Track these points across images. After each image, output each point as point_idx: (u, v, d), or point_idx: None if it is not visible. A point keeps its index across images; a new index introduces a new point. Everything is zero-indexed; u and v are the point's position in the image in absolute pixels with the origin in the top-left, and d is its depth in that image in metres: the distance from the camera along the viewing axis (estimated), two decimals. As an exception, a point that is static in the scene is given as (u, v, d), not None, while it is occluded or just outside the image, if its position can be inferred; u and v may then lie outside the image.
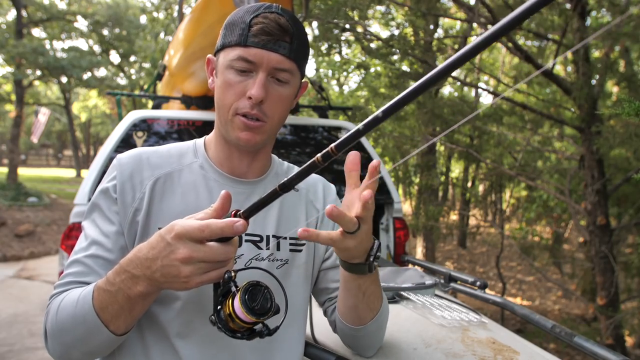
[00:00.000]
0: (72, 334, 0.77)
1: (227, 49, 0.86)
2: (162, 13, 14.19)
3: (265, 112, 0.86)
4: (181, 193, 0.90)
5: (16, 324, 4.44)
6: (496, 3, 4.31)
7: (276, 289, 0.72)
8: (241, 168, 0.94)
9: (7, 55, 12.12)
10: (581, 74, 3.69)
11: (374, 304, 0.92)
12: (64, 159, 40.54)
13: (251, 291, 0.66)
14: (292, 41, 0.85)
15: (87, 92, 25.11)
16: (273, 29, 0.83)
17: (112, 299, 0.72)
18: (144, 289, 0.70)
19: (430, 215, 5.24)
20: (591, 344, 1.12)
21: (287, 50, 0.84)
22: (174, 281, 0.67)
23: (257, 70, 0.84)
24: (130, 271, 0.70)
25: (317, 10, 4.30)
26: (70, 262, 0.85)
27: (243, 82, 0.85)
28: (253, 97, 0.83)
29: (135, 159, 0.91)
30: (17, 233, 8.52)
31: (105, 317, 0.74)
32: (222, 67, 0.87)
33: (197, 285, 0.67)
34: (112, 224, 0.87)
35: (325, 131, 2.81)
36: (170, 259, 0.66)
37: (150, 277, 0.68)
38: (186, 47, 2.50)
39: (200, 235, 0.65)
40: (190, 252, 0.65)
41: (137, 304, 0.73)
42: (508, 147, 5.48)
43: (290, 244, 0.96)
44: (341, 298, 0.94)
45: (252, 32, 0.83)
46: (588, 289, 5.86)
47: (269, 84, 0.85)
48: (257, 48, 0.83)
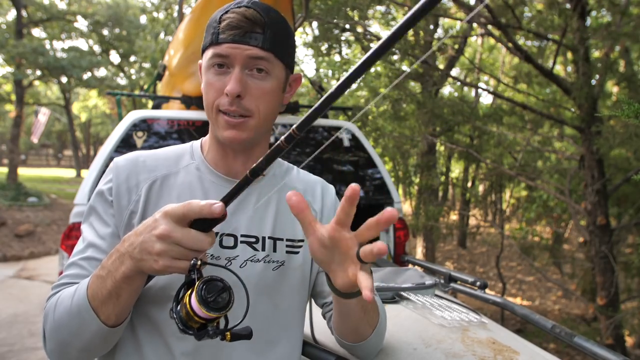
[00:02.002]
0: (68, 328, 0.77)
1: (206, 51, 0.87)
2: (162, 13, 14.18)
3: (246, 107, 0.85)
4: (177, 195, 0.90)
5: (16, 324, 4.44)
6: (496, 3, 4.31)
7: (245, 292, 0.70)
8: (236, 168, 0.94)
9: (7, 55, 12.13)
10: (581, 74, 3.69)
11: (373, 319, 0.91)
12: (64, 159, 40.55)
13: (209, 284, 0.65)
14: (264, 31, 0.84)
15: (87, 92, 25.12)
16: (239, 21, 0.83)
17: (102, 284, 0.73)
18: (126, 269, 0.71)
19: (430, 215, 5.24)
20: (591, 344, 1.12)
21: (260, 41, 0.83)
22: (147, 259, 0.68)
23: (232, 65, 0.84)
24: (119, 249, 0.72)
25: (317, 10, 4.31)
26: (68, 264, 0.88)
27: (221, 79, 0.85)
28: (228, 92, 0.83)
29: (132, 162, 0.92)
30: (17, 233, 8.53)
31: (95, 304, 0.74)
32: (203, 69, 0.89)
33: (164, 267, 0.67)
34: (107, 226, 0.88)
35: (325, 131, 2.80)
36: (151, 234, 0.67)
37: (131, 254, 0.70)
38: (186, 47, 2.50)
39: (182, 210, 0.67)
40: (169, 230, 0.66)
41: (123, 290, 0.73)
42: (508, 147, 5.48)
43: (287, 245, 0.95)
44: (339, 322, 0.91)
45: (220, 29, 0.84)
46: (588, 289, 5.86)
47: (247, 77, 0.85)
48: (227, 43, 0.83)
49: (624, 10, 3.92)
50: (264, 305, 0.91)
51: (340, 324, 0.92)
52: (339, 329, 0.94)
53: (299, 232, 0.97)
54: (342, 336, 0.95)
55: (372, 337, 0.93)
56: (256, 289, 0.90)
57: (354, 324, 0.89)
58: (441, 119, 4.66)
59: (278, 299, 0.93)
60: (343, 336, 0.95)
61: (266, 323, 0.91)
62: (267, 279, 0.92)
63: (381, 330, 0.97)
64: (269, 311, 0.92)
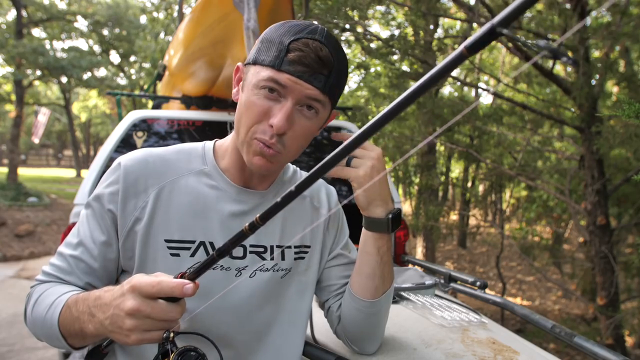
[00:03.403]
0: (41, 331, 0.83)
1: (259, 67, 0.79)
2: (162, 13, 14.16)
3: (284, 143, 0.80)
4: (187, 202, 0.87)
5: (16, 324, 4.44)
6: (496, 3, 4.31)
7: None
8: (252, 181, 0.92)
9: (7, 55, 12.14)
10: (581, 74, 3.69)
11: (388, 274, 0.95)
12: (64, 159, 40.53)
13: (184, 355, 0.66)
14: (329, 74, 0.78)
15: (87, 92, 25.10)
16: (312, 61, 0.76)
17: (72, 321, 0.76)
18: (94, 330, 0.72)
19: (430, 215, 5.24)
20: (591, 344, 1.12)
21: (323, 84, 0.78)
22: (118, 332, 0.68)
23: (287, 97, 0.78)
24: (91, 308, 0.72)
25: (317, 10, 4.30)
26: (58, 253, 0.88)
27: (268, 105, 0.79)
28: (275, 126, 0.77)
29: (141, 164, 0.87)
30: (17, 233, 8.53)
31: (64, 331, 0.78)
32: (250, 84, 0.81)
33: (137, 341, 0.67)
34: (102, 233, 0.86)
35: (325, 131, 2.80)
36: (120, 308, 0.66)
37: (101, 322, 0.70)
38: (186, 47, 2.49)
39: (151, 290, 0.65)
40: (138, 305, 0.65)
41: (88, 339, 0.77)
42: (508, 147, 5.48)
43: (295, 252, 0.96)
44: (358, 268, 0.96)
45: (288, 59, 0.76)
46: (588, 289, 5.86)
47: (295, 113, 0.79)
48: (290, 75, 0.76)
49: (624, 10, 3.91)
50: (269, 310, 0.92)
51: (359, 273, 0.96)
52: (356, 283, 0.96)
53: (306, 238, 0.98)
54: (357, 291, 0.96)
55: (384, 297, 0.96)
56: (263, 297, 0.91)
57: (368, 270, 0.94)
58: (441, 119, 4.65)
59: (283, 303, 0.94)
60: (359, 290, 0.96)
61: (271, 327, 0.93)
62: (275, 286, 0.93)
63: (390, 298, 0.99)
64: (274, 316, 0.93)
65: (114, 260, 0.87)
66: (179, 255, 0.85)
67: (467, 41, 0.41)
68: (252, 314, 0.90)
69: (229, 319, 0.88)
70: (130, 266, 0.87)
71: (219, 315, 0.86)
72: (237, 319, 0.88)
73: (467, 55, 0.41)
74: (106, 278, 0.89)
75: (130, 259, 0.86)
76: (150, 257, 0.84)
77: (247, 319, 0.89)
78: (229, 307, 0.87)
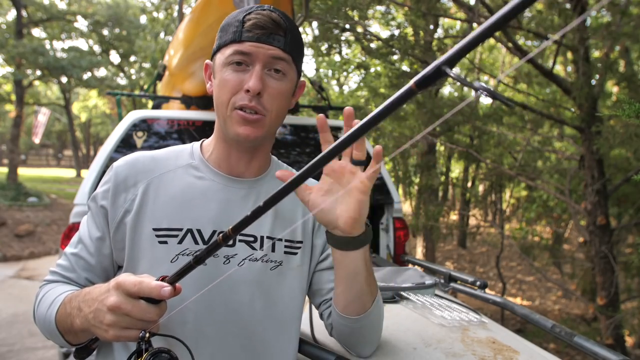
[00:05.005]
0: (44, 327, 0.88)
1: (223, 49, 0.88)
2: (162, 13, 14.17)
3: (263, 105, 0.86)
4: (174, 193, 0.90)
5: (16, 324, 4.44)
6: (496, 3, 4.31)
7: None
8: (239, 167, 0.94)
9: (7, 55, 12.14)
10: (581, 74, 3.69)
11: (373, 281, 0.92)
12: (64, 159, 40.53)
13: (157, 357, 0.68)
14: (286, 34, 0.86)
15: (87, 92, 25.09)
16: (266, 22, 0.85)
17: (65, 317, 0.81)
18: (80, 325, 0.76)
19: (430, 215, 5.24)
20: (591, 344, 1.12)
21: (282, 43, 0.86)
22: (98, 326, 0.72)
23: (253, 63, 0.85)
24: (80, 303, 0.77)
25: (317, 10, 4.30)
26: (62, 253, 0.94)
27: (240, 77, 0.86)
28: (251, 89, 0.84)
29: (131, 164, 0.93)
30: (17, 233, 8.53)
31: (61, 328, 0.84)
32: (219, 66, 0.88)
33: (114, 337, 0.70)
34: (97, 229, 0.91)
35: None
36: (103, 303, 0.71)
37: (86, 316, 0.74)
38: (186, 47, 2.49)
39: (132, 288, 0.68)
40: (119, 302, 0.68)
41: (79, 334, 0.82)
42: (508, 147, 5.48)
43: (285, 246, 0.96)
44: (343, 289, 0.90)
45: (245, 28, 0.85)
46: (588, 289, 5.86)
47: (266, 77, 0.86)
48: (252, 42, 0.84)
49: (624, 10, 3.92)
50: (260, 304, 0.91)
51: (343, 293, 0.90)
52: (343, 301, 0.91)
53: (298, 233, 0.98)
54: (345, 310, 0.92)
55: (373, 308, 0.92)
56: (253, 288, 0.90)
57: (357, 289, 0.88)
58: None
59: (275, 298, 0.93)
60: (347, 309, 0.91)
61: (262, 322, 0.92)
62: (265, 278, 0.92)
63: (380, 305, 0.96)
64: (265, 310, 0.92)
65: (109, 256, 0.91)
66: (167, 243, 0.87)
67: (416, 77, 0.44)
68: (242, 307, 0.89)
69: (218, 313, 0.88)
70: (122, 258, 0.90)
71: (209, 308, 0.87)
72: (225, 312, 0.88)
73: (417, 91, 0.44)
74: (103, 274, 0.92)
75: (122, 250, 0.89)
76: (139, 246, 0.87)
77: (237, 313, 0.89)
78: (219, 300, 0.88)
